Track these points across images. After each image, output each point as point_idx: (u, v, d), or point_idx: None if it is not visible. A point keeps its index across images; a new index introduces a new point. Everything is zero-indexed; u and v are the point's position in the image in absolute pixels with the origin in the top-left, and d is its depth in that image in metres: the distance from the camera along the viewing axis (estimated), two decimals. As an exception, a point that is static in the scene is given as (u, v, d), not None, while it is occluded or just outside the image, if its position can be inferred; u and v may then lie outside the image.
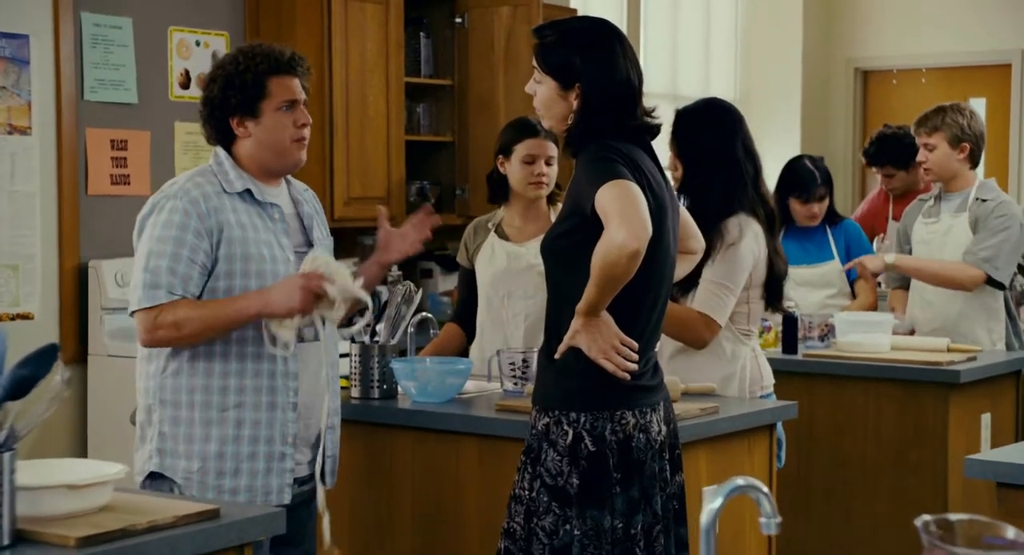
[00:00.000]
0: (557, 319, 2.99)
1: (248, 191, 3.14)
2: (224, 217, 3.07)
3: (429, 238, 3.48)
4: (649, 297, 2.98)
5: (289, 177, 3.28)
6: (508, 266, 4.20)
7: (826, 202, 5.44)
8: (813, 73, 8.91)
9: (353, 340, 3.78)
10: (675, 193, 3.15)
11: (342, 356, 3.47)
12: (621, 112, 2.97)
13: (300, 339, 3.12)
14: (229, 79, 3.10)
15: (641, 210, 2.77)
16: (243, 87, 3.10)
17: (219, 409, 3.10)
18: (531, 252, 4.16)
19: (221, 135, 3.16)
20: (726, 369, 3.81)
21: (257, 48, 3.15)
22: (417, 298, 3.89)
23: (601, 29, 3.05)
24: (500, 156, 4.22)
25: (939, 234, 5.11)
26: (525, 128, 4.20)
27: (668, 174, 3.22)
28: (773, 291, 3.85)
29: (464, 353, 4.35)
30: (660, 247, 2.95)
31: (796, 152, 7.57)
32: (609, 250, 2.74)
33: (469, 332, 4.33)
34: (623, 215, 2.74)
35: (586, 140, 2.95)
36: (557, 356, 2.94)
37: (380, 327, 3.84)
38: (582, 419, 2.91)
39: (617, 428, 2.91)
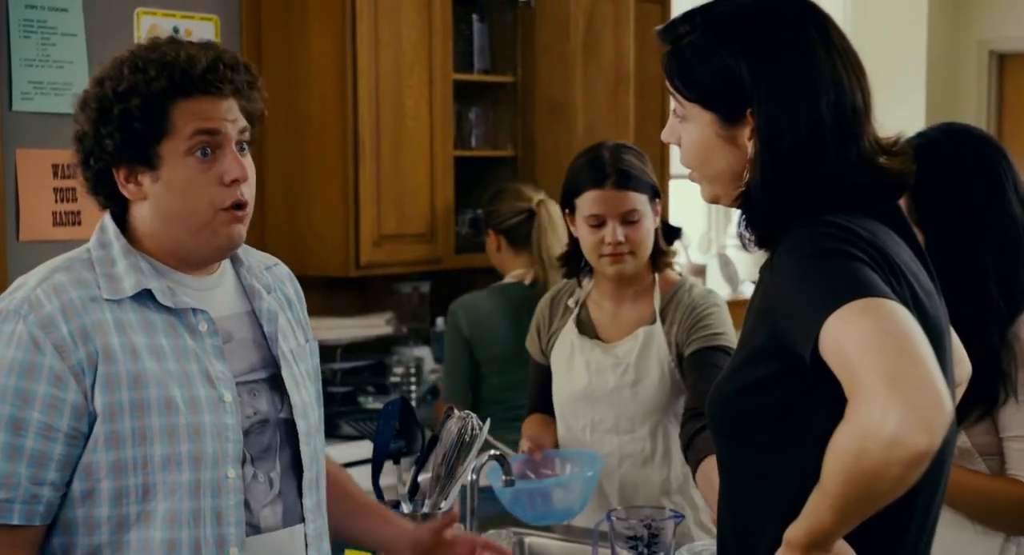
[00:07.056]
0: (742, 532, 1.98)
1: (147, 292, 2.21)
2: (101, 342, 2.15)
3: None
4: (919, 508, 1.91)
5: (239, 251, 2.34)
6: (589, 384, 3.20)
7: None
8: (940, 57, 8.57)
9: (382, 501, 2.80)
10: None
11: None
12: (837, 158, 1.91)
13: (256, 529, 2.24)
14: (103, 107, 2.21)
15: (927, 367, 1.69)
16: (126, 120, 2.20)
17: None
18: (624, 357, 3.15)
19: (106, 193, 2.28)
20: (987, 544, 2.77)
21: (153, 52, 2.25)
22: (483, 436, 2.82)
23: (783, 7, 1.96)
24: (566, 210, 3.20)
25: None
26: (588, 169, 3.12)
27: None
28: None
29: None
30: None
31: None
32: (867, 447, 1.67)
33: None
34: (892, 377, 1.66)
35: (785, 215, 1.92)
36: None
37: (424, 479, 2.81)
38: None
39: None
